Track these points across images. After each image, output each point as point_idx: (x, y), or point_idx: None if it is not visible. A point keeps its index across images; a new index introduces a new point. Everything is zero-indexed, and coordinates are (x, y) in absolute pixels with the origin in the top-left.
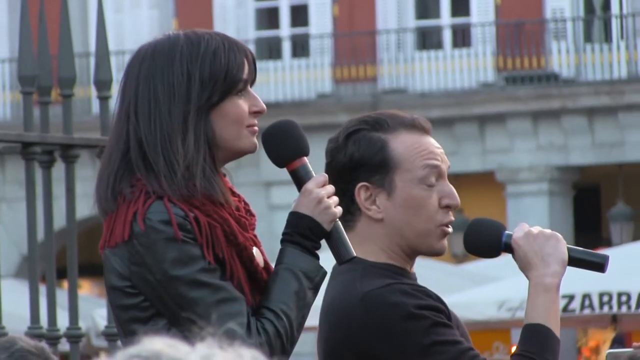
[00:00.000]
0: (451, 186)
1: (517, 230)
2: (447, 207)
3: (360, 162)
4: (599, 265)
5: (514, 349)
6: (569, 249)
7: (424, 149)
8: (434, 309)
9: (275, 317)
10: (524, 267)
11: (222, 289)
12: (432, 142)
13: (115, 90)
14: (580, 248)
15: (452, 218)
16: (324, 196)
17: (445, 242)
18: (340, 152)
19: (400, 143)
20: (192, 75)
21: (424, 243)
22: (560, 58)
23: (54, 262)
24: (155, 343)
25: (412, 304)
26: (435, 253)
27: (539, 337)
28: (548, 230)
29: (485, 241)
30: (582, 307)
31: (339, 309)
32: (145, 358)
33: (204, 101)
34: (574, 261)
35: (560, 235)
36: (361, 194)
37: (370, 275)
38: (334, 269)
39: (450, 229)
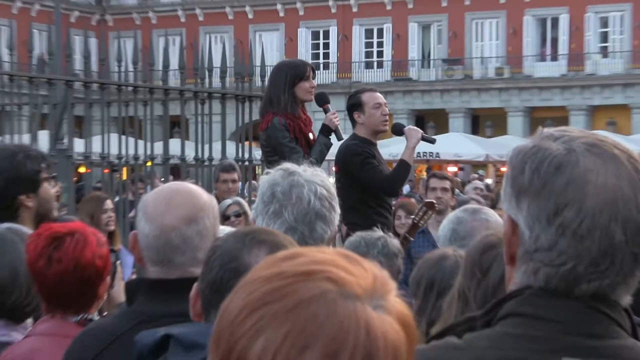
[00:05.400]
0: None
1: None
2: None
3: (350, 103)
4: (431, 140)
5: None
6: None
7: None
8: (368, 153)
9: (313, 159)
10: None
11: (295, 148)
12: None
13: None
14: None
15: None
16: (332, 118)
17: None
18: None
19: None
20: (287, 74)
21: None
22: None
23: None
24: (288, 165)
25: (359, 150)
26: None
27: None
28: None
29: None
30: None
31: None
32: (284, 169)
33: (290, 83)
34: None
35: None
36: (354, 116)
37: (355, 139)
38: None
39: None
